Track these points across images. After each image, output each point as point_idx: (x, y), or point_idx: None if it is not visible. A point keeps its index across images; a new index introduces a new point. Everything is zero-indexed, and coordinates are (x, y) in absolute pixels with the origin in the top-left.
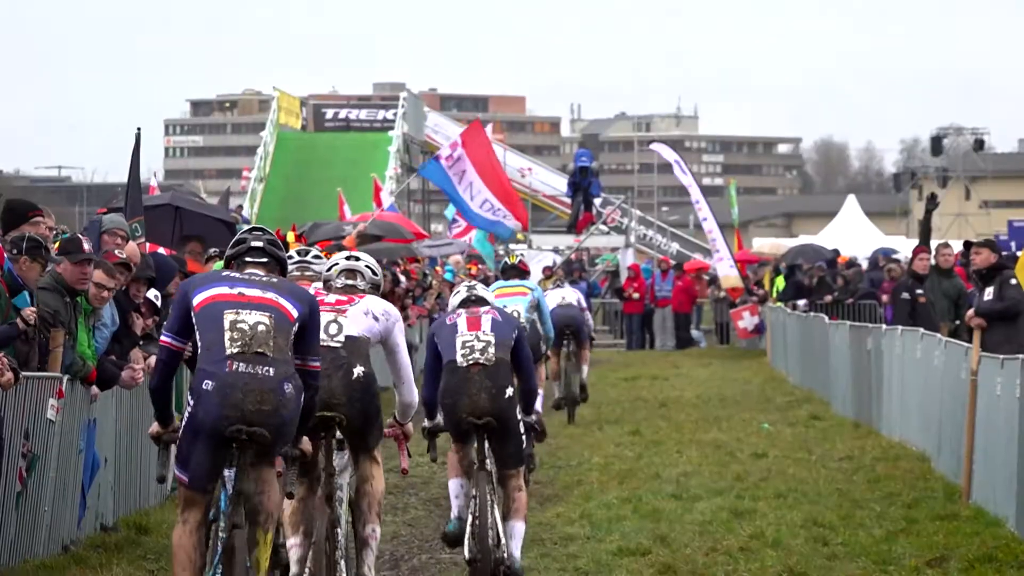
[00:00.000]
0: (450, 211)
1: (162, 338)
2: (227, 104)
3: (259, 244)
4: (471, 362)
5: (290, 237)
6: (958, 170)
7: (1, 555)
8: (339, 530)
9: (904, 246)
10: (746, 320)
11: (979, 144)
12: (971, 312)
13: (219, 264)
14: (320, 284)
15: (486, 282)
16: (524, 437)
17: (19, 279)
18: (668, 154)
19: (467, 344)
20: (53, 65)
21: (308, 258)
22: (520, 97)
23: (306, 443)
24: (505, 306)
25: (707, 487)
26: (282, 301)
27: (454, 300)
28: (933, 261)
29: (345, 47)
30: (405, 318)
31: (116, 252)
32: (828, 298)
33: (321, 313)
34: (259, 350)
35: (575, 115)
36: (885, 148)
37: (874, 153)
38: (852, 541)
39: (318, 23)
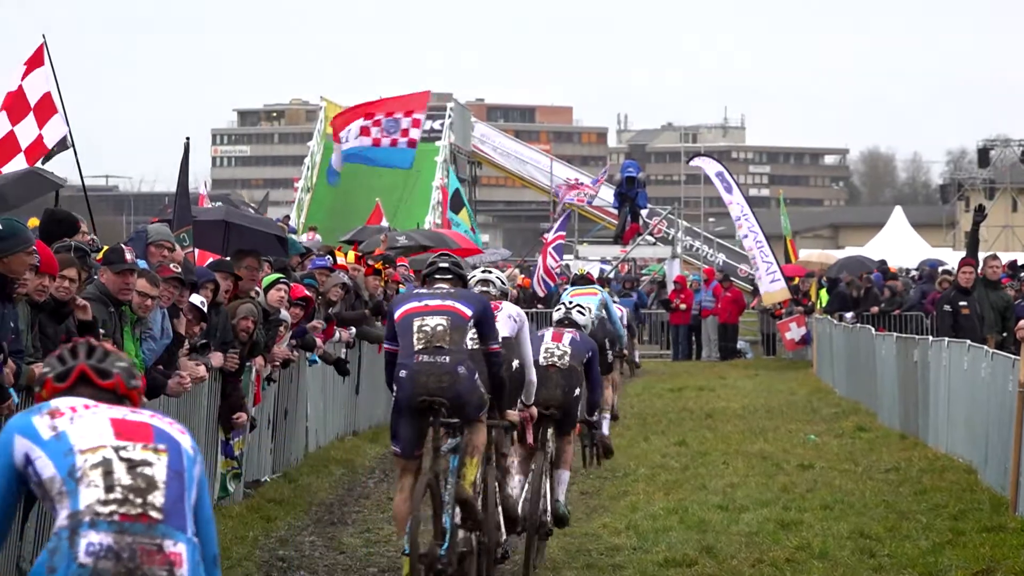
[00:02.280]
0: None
1: (384, 345)
2: (274, 114)
3: (445, 265)
4: (548, 363)
5: (350, 256)
6: (1005, 182)
7: None
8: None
9: (950, 258)
10: (793, 331)
11: None
12: (1021, 323)
13: (267, 279)
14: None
15: (536, 296)
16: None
17: None
18: (710, 167)
19: (548, 350)
20: (100, 74)
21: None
22: (567, 107)
23: (512, 415)
24: (578, 304)
25: (753, 498)
26: (457, 305)
27: (555, 316)
28: (980, 273)
29: (392, 57)
30: None
31: (171, 266)
32: (874, 309)
33: None
34: (438, 344)
35: (622, 125)
36: (932, 159)
37: (921, 164)
38: (898, 553)
39: (365, 33)
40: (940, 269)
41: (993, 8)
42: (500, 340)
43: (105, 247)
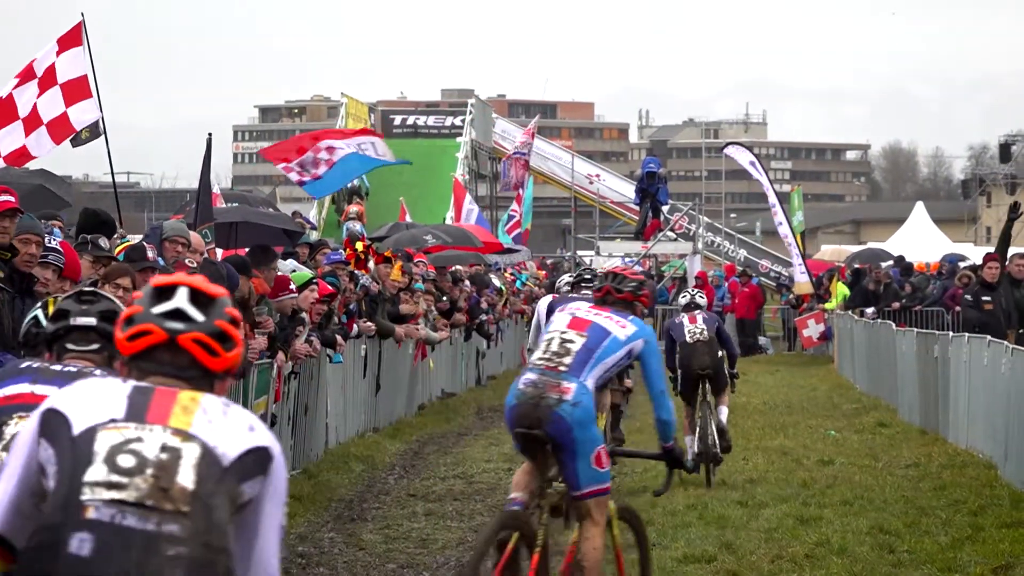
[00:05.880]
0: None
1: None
2: (295, 110)
3: (589, 276)
4: (694, 340)
5: (359, 246)
6: None
7: None
8: None
9: (972, 253)
10: (811, 328)
11: None
12: None
13: (301, 278)
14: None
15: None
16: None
17: None
18: (743, 156)
19: (690, 331)
20: (121, 71)
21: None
22: (589, 103)
23: (628, 382)
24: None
25: (773, 494)
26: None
27: (681, 301)
28: (1005, 270)
29: (413, 53)
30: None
31: (187, 262)
32: (896, 305)
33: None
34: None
35: (643, 121)
36: (953, 155)
37: (942, 160)
38: (918, 548)
39: (386, 29)
40: (961, 265)
41: (1017, 2)
42: None
43: (126, 243)
